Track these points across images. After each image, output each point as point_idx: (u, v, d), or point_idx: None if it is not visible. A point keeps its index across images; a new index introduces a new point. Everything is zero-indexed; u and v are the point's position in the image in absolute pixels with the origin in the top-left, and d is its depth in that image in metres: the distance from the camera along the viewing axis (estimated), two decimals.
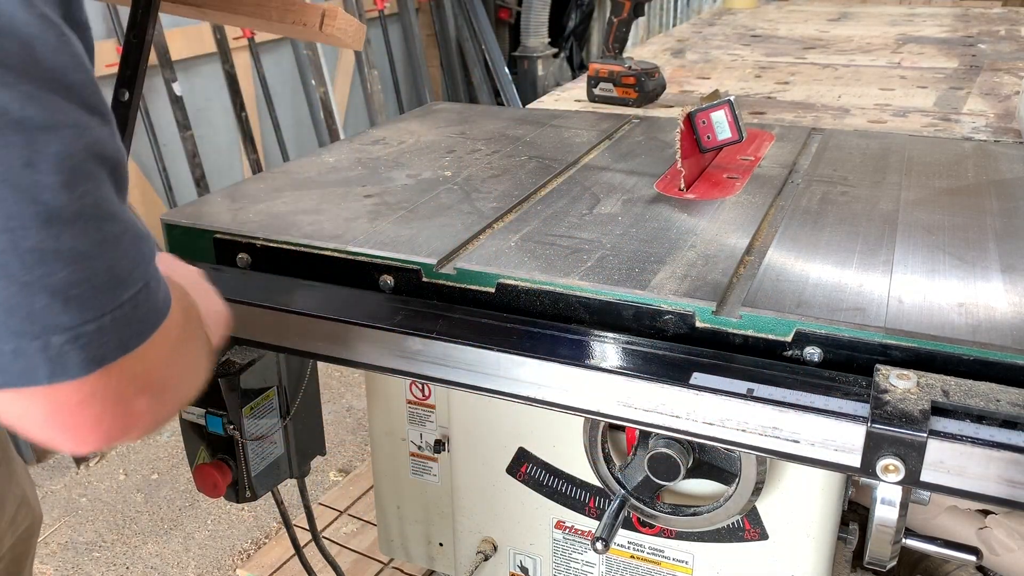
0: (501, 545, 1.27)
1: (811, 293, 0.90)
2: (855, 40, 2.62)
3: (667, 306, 0.90)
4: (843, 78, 2.12)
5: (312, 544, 1.51)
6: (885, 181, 1.25)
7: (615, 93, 1.85)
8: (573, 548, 1.20)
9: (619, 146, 1.46)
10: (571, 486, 1.16)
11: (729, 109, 1.24)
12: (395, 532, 1.41)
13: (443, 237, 1.06)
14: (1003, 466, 0.71)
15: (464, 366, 0.90)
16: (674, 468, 0.97)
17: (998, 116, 1.73)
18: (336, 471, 2.62)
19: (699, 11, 3.54)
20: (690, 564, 1.14)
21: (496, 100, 4.99)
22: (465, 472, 1.25)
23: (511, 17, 5.30)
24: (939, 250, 1.00)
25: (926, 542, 0.97)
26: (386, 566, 1.98)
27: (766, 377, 0.81)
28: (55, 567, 2.33)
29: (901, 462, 0.73)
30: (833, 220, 1.10)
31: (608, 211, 1.14)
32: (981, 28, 2.79)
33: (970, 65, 2.23)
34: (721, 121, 1.25)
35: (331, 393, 3.04)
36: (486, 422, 1.19)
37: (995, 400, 0.74)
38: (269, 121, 3.88)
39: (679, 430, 0.83)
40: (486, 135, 1.51)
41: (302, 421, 1.25)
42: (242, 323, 0.98)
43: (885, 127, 1.67)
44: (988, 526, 1.39)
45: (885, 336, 0.82)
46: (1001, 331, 0.82)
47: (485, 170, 1.32)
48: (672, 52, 2.52)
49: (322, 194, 1.22)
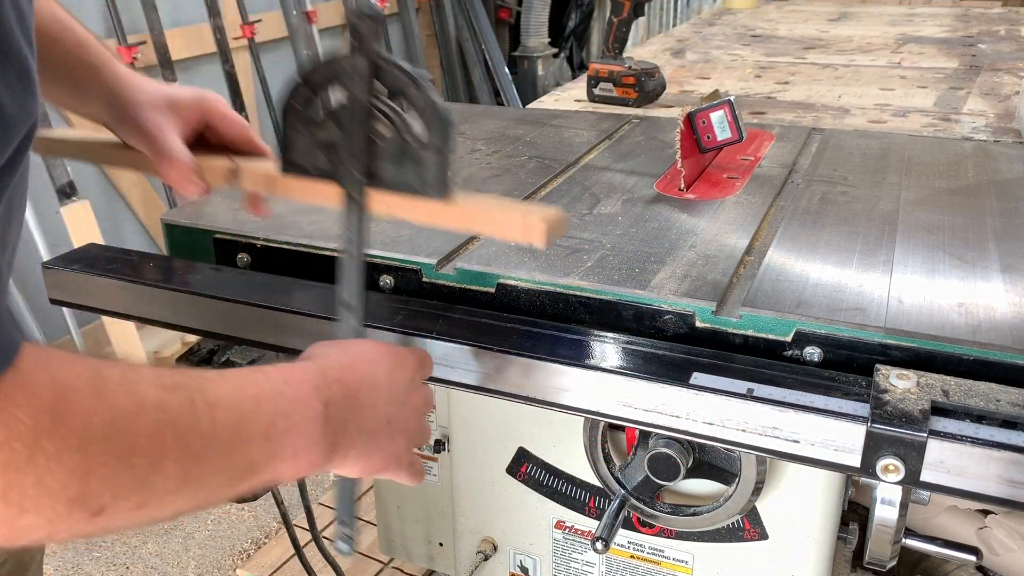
0: (501, 545, 1.27)
1: (811, 293, 0.90)
2: (855, 40, 2.62)
3: (667, 306, 0.90)
4: (843, 78, 2.12)
5: (312, 544, 1.51)
6: (885, 181, 1.25)
7: (615, 93, 1.85)
8: (573, 548, 1.20)
9: (619, 146, 1.46)
10: (571, 486, 1.16)
11: (729, 109, 1.24)
12: (395, 532, 1.41)
13: (443, 237, 1.06)
14: (1003, 466, 0.71)
15: (464, 366, 0.90)
16: (674, 468, 0.97)
17: (998, 116, 1.73)
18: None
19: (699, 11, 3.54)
20: (690, 564, 1.14)
21: (496, 100, 4.99)
22: (465, 472, 1.25)
23: (511, 17, 5.30)
24: (939, 250, 1.00)
25: (926, 542, 0.97)
26: (386, 566, 1.98)
27: (766, 377, 0.81)
28: (55, 567, 2.33)
29: (901, 462, 0.73)
30: (833, 220, 1.10)
31: (608, 211, 1.14)
32: (981, 28, 2.79)
33: (970, 65, 2.23)
34: (721, 121, 1.25)
35: None
36: (486, 422, 1.19)
37: (995, 400, 0.74)
38: (269, 121, 3.88)
39: (679, 430, 0.83)
40: (486, 135, 1.51)
41: None
42: (242, 323, 0.98)
43: (885, 127, 1.67)
44: (988, 526, 1.39)
45: (885, 336, 0.82)
46: (1001, 331, 0.82)
47: (485, 170, 1.32)
48: (672, 52, 2.52)
49: None
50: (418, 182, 0.78)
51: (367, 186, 0.80)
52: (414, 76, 0.76)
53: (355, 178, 0.80)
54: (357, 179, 0.80)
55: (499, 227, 0.79)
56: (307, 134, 0.81)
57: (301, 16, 3.95)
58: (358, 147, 0.79)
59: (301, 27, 3.96)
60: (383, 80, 0.77)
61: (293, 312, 0.96)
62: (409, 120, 0.77)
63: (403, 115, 0.77)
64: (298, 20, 3.94)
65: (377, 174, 0.80)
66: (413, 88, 0.76)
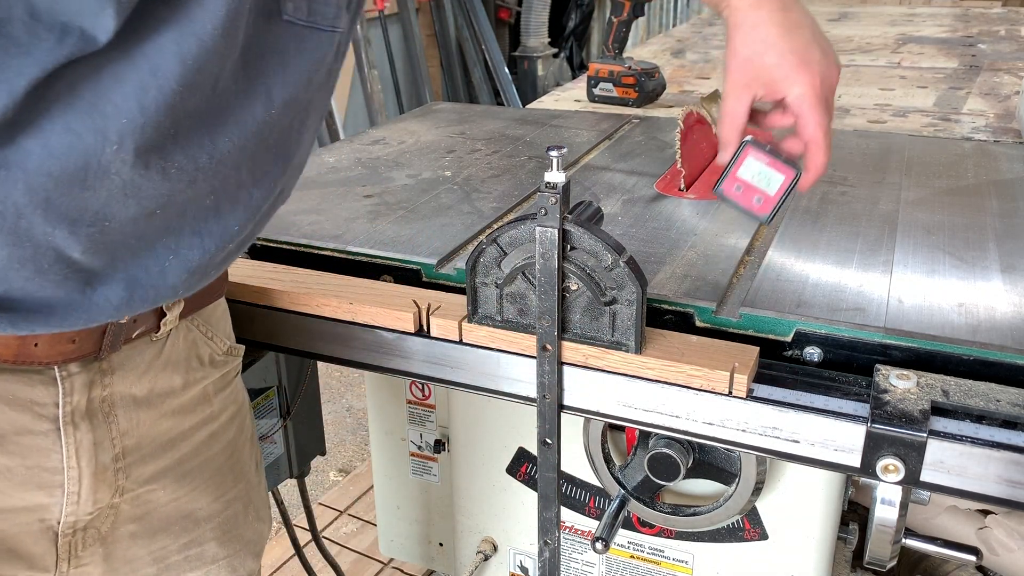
0: (501, 545, 1.27)
1: (811, 293, 0.90)
2: (855, 40, 2.62)
3: (667, 306, 0.90)
4: (843, 78, 2.11)
5: (312, 544, 1.51)
6: (885, 181, 1.25)
7: (615, 93, 1.85)
8: (573, 548, 1.20)
9: (619, 146, 1.46)
10: (571, 486, 1.16)
11: (757, 150, 0.91)
12: (395, 532, 1.41)
13: (443, 237, 1.06)
14: (1003, 466, 0.71)
15: (464, 366, 0.90)
16: (674, 468, 0.97)
17: (998, 116, 1.73)
18: (336, 471, 2.62)
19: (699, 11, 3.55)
20: (690, 564, 1.14)
21: (496, 100, 4.99)
22: (465, 472, 1.25)
23: (511, 17, 5.30)
24: (939, 250, 1.00)
25: (926, 542, 0.97)
26: (386, 566, 1.98)
27: (766, 377, 0.81)
28: None
29: (901, 462, 0.73)
30: (833, 220, 1.10)
31: (608, 211, 1.14)
32: (981, 28, 2.79)
33: (970, 65, 2.23)
34: (760, 170, 0.91)
35: (331, 393, 3.04)
36: (486, 422, 1.19)
37: (995, 400, 0.74)
38: None
39: (679, 430, 0.83)
40: (486, 135, 1.51)
41: (302, 421, 1.25)
42: (242, 323, 0.98)
43: (885, 127, 1.67)
44: (988, 526, 1.39)
45: (885, 336, 0.82)
46: (1001, 331, 0.82)
47: (485, 170, 1.32)
48: (672, 52, 2.52)
49: (322, 194, 1.22)
50: (611, 334, 0.82)
51: (561, 339, 0.84)
52: (608, 244, 0.79)
53: (548, 331, 0.83)
54: (550, 332, 0.83)
55: (702, 383, 0.81)
56: (496, 289, 0.85)
57: None
58: (550, 303, 0.82)
59: None
60: (571, 242, 0.80)
61: (293, 312, 0.96)
62: (600, 278, 0.80)
63: (594, 276, 0.80)
64: None
65: (569, 327, 0.84)
66: (605, 253, 0.79)
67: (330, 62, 0.71)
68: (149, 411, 0.77)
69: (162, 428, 0.79)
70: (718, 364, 0.80)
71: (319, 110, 0.74)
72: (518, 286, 0.84)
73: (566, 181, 0.77)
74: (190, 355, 0.82)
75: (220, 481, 0.87)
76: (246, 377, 1.10)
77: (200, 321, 0.83)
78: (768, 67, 0.87)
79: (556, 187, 0.77)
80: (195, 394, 0.83)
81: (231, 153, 0.64)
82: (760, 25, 0.87)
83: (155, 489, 0.80)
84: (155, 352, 0.77)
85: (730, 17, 0.89)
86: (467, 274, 0.85)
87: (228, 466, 0.88)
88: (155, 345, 0.77)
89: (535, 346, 0.84)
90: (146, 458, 0.78)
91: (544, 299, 0.81)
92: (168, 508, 0.82)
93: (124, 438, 0.75)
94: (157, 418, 0.78)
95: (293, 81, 0.67)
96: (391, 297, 0.94)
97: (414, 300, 0.92)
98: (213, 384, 0.85)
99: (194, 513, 0.85)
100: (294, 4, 0.65)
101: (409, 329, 0.91)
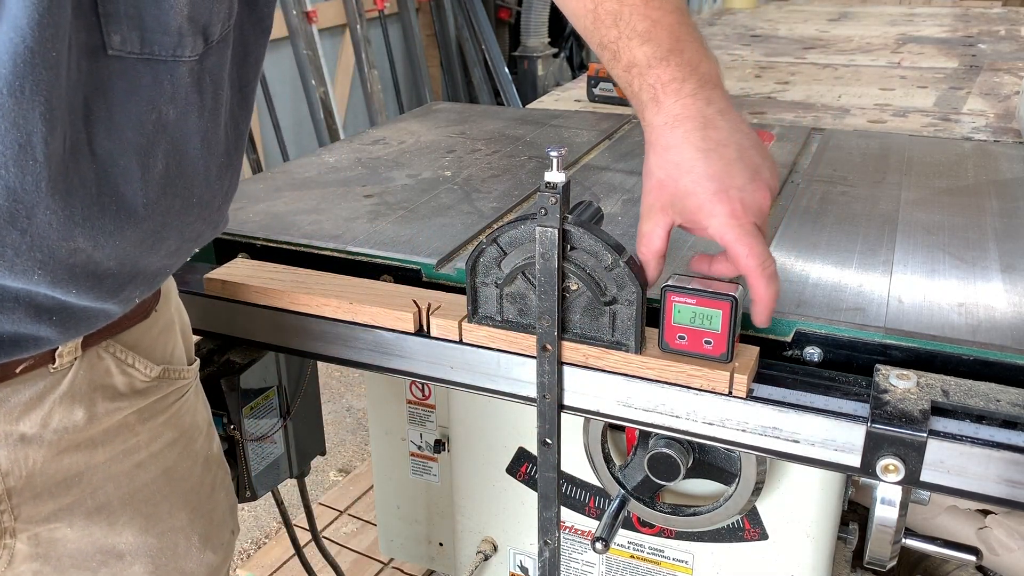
0: (501, 545, 1.27)
1: (811, 293, 0.90)
2: (855, 40, 2.62)
3: None
4: (843, 78, 2.12)
5: (312, 544, 1.51)
6: (885, 181, 1.25)
7: (615, 93, 1.85)
8: (573, 548, 1.20)
9: (619, 146, 1.46)
10: (571, 486, 1.16)
11: (679, 293, 0.82)
12: (395, 532, 1.41)
13: (443, 237, 1.06)
14: (1003, 466, 0.71)
15: (464, 366, 0.90)
16: (674, 468, 0.97)
17: (998, 116, 1.73)
18: (336, 471, 2.62)
19: (699, 11, 3.54)
20: (690, 564, 1.14)
21: (496, 100, 4.99)
22: (465, 472, 1.25)
23: (511, 17, 5.30)
24: (939, 250, 1.00)
25: (926, 542, 0.97)
26: (386, 566, 1.98)
27: (766, 377, 0.81)
28: None
29: (901, 462, 0.73)
30: (833, 220, 1.10)
31: (608, 211, 1.14)
32: (981, 28, 2.79)
33: (970, 65, 2.23)
34: (693, 312, 0.82)
35: (331, 393, 3.04)
36: (486, 422, 1.19)
37: (995, 400, 0.74)
38: (269, 121, 3.88)
39: (679, 430, 0.83)
40: (486, 135, 1.51)
41: (302, 421, 1.25)
42: (242, 323, 0.98)
43: (885, 127, 1.67)
44: (988, 526, 1.39)
45: (885, 336, 0.82)
46: (1001, 331, 0.82)
47: (485, 170, 1.32)
48: None
49: (322, 194, 1.22)
50: (611, 334, 0.82)
51: (561, 339, 0.83)
52: (608, 243, 0.79)
53: (548, 331, 0.83)
54: (550, 332, 0.83)
55: (702, 383, 0.81)
56: (496, 289, 0.85)
57: (301, 16, 3.95)
58: (550, 303, 0.82)
59: (301, 27, 3.96)
60: (572, 242, 0.80)
61: (293, 312, 0.96)
62: (600, 278, 0.80)
63: (594, 276, 0.80)
64: (298, 20, 3.95)
65: (569, 327, 0.84)
66: (605, 253, 0.79)
67: (185, 95, 0.64)
68: (41, 448, 0.71)
69: (63, 464, 0.73)
70: (718, 364, 0.80)
71: (193, 145, 0.67)
72: (518, 286, 0.84)
73: (566, 181, 0.77)
74: (97, 386, 0.74)
75: (151, 512, 0.81)
76: (246, 377, 1.10)
77: (118, 348, 0.76)
78: (683, 194, 0.77)
79: (556, 187, 0.77)
80: (110, 425, 0.76)
81: (64, 217, 0.58)
82: (674, 147, 0.77)
83: (59, 527, 0.75)
84: (50, 384, 0.70)
85: (646, 134, 0.81)
86: (467, 274, 0.85)
87: (163, 495, 0.82)
88: (52, 377, 0.70)
89: (535, 346, 0.84)
90: (41, 496, 0.73)
91: (544, 299, 0.81)
92: (80, 544, 0.77)
93: (6, 479, 0.70)
94: (55, 454, 0.72)
95: (124, 123, 0.60)
96: (391, 297, 0.94)
97: (414, 300, 0.92)
98: (137, 413, 0.78)
99: (115, 547, 0.79)
100: (121, 36, 0.59)
101: (409, 329, 0.91)
